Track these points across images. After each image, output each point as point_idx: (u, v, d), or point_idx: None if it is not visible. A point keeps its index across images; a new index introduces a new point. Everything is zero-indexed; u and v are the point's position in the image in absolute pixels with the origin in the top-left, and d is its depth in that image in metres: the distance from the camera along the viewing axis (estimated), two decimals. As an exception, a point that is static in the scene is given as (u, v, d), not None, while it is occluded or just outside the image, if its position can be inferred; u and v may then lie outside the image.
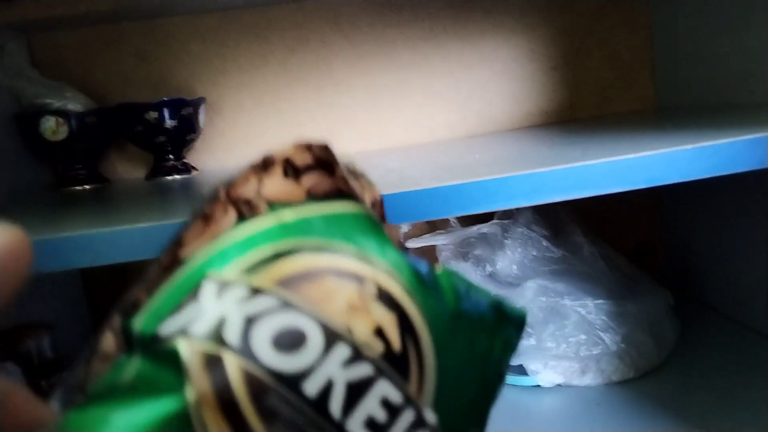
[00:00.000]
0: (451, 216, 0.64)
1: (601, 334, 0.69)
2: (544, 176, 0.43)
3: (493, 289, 0.76)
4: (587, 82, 0.96)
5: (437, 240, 0.83)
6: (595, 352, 0.69)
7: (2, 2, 0.75)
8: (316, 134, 0.94)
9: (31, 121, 0.76)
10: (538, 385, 0.73)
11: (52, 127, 0.76)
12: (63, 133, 0.77)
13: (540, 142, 0.70)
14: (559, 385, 0.72)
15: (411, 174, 0.53)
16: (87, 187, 0.82)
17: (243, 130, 0.93)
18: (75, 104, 0.79)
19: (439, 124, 0.95)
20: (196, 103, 0.83)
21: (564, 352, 0.69)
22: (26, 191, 0.81)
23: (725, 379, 0.71)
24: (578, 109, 0.96)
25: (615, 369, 0.71)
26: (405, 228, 0.85)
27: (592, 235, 0.85)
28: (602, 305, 0.71)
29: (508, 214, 0.82)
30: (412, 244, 0.83)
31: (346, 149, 0.94)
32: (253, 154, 0.93)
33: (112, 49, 0.89)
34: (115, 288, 0.94)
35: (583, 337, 0.69)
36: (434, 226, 0.90)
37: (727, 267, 0.83)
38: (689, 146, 0.45)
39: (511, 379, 0.74)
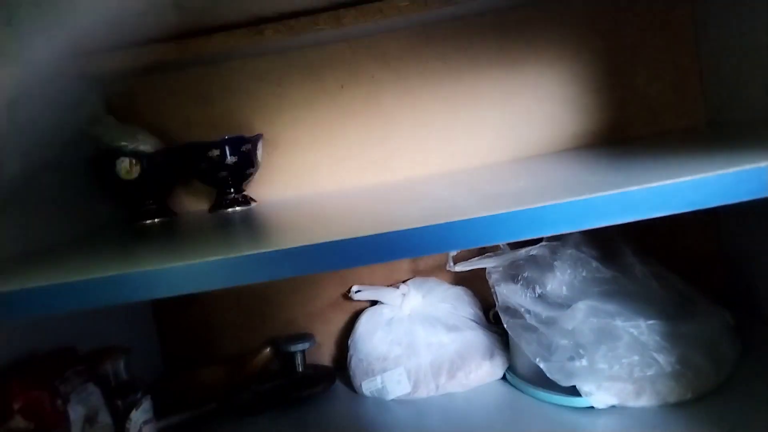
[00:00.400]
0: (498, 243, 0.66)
1: (655, 354, 0.68)
2: (586, 203, 0.45)
3: (543, 311, 0.76)
4: (633, 102, 0.96)
5: (487, 263, 0.84)
6: (649, 374, 0.69)
7: (81, 56, 0.84)
8: (367, 165, 0.98)
9: (108, 163, 0.84)
10: (591, 407, 0.72)
11: (126, 168, 0.84)
12: (136, 172, 0.84)
13: (582, 166, 0.71)
14: (613, 406, 0.72)
15: (459, 203, 0.55)
16: (157, 220, 0.89)
17: (299, 163, 0.98)
18: (146, 145, 0.86)
19: (486, 149, 0.98)
20: (254, 140, 0.89)
21: (617, 373, 0.69)
22: (103, 226, 0.89)
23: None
24: (626, 129, 0.96)
25: (671, 390, 0.70)
26: (454, 251, 0.87)
27: (645, 254, 0.84)
28: (655, 325, 0.70)
29: (557, 236, 0.83)
30: (461, 267, 0.85)
31: (396, 178, 0.98)
32: (309, 185, 0.98)
33: (178, 93, 0.96)
34: (182, 313, 1.00)
35: (636, 358, 0.69)
36: (483, 249, 0.92)
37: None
38: (733, 169, 0.46)
39: (562, 399, 0.74)
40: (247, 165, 0.89)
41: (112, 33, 0.76)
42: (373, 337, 0.90)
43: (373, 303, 0.97)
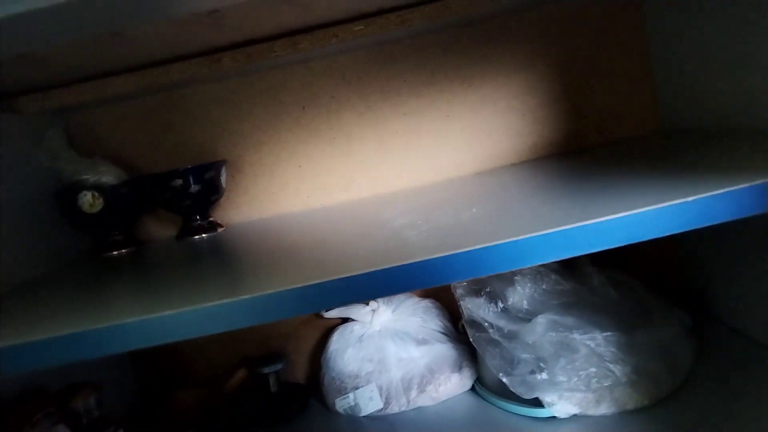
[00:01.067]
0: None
1: (611, 365, 0.71)
2: (525, 242, 0.47)
3: (506, 325, 0.79)
4: (589, 111, 0.99)
5: (451, 279, 0.86)
6: (606, 384, 0.71)
7: (37, 92, 0.84)
8: (331, 184, 0.99)
9: (70, 198, 0.84)
10: (554, 417, 0.75)
11: (89, 201, 0.84)
12: (99, 205, 0.84)
13: (544, 183, 0.73)
14: (575, 415, 0.75)
15: (410, 236, 0.57)
16: (124, 251, 0.89)
17: (264, 185, 0.99)
18: (109, 177, 0.86)
19: (448, 164, 0.99)
20: (217, 166, 0.90)
21: (576, 384, 0.72)
22: (72, 259, 0.89)
23: (745, 401, 0.71)
24: (583, 138, 0.99)
25: (629, 398, 0.73)
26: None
27: (605, 261, 0.87)
28: (611, 337, 0.73)
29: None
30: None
31: (361, 196, 0.99)
32: (275, 207, 0.99)
33: (140, 121, 0.96)
34: (158, 348, 1.01)
35: (593, 369, 0.71)
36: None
37: (745, 286, 0.83)
38: (695, 197, 0.48)
39: (527, 410, 0.77)
40: (211, 192, 0.89)
41: (67, 68, 0.76)
42: (345, 354, 0.92)
43: (345, 320, 0.98)
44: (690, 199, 0.48)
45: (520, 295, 0.81)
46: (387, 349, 0.91)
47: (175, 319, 0.48)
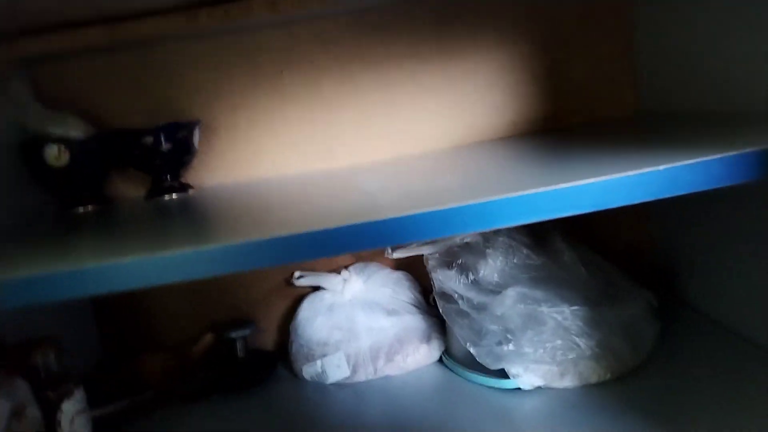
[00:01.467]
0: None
1: (577, 339, 0.72)
2: (493, 204, 0.47)
3: (476, 297, 0.79)
4: (570, 91, 0.98)
5: (424, 250, 0.86)
6: (571, 357, 0.72)
7: (4, 40, 0.81)
8: (309, 152, 0.98)
9: (35, 150, 0.81)
10: (519, 388, 0.76)
11: (54, 155, 0.81)
12: (65, 159, 0.82)
13: (519, 156, 0.73)
14: (539, 387, 0.75)
15: (383, 198, 0.56)
16: (90, 208, 0.87)
17: (239, 149, 0.97)
18: (76, 131, 0.84)
19: (426, 136, 0.99)
20: (190, 126, 0.88)
21: (541, 356, 0.72)
22: (34, 214, 0.86)
23: (705, 380, 0.73)
24: (562, 117, 0.99)
25: (592, 372, 0.74)
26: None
27: (577, 240, 0.88)
28: (578, 311, 0.74)
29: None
30: (399, 254, 0.87)
31: (338, 165, 0.98)
32: (250, 172, 0.97)
33: (111, 77, 0.93)
34: (121, 300, 0.99)
35: (559, 342, 0.72)
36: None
37: (712, 268, 0.85)
38: (666, 166, 0.48)
39: (492, 381, 0.77)
40: (183, 152, 0.87)
41: (36, 15, 0.74)
42: (314, 322, 0.92)
43: (315, 288, 0.98)
44: (661, 168, 0.48)
45: (491, 268, 0.81)
46: (357, 319, 0.90)
47: (135, 266, 0.47)
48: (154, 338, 1.01)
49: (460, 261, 0.83)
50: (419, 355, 0.88)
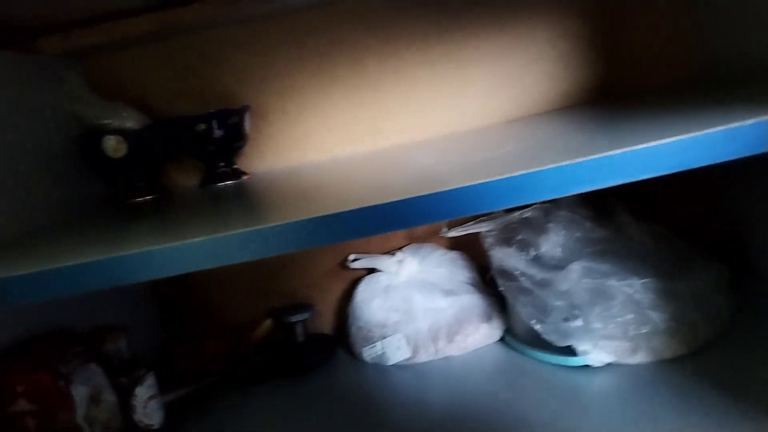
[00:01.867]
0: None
1: (650, 312, 0.69)
2: (571, 168, 0.44)
3: (538, 273, 0.77)
4: (628, 57, 0.94)
5: (481, 227, 0.84)
6: (644, 331, 0.69)
7: (57, 33, 0.82)
8: (357, 132, 0.97)
9: (93, 142, 0.83)
10: (588, 366, 0.73)
11: (113, 146, 0.82)
12: (123, 149, 0.83)
13: (579, 125, 0.70)
14: (609, 364, 0.73)
15: (441, 171, 0.55)
16: (149, 197, 0.88)
17: (288, 133, 0.97)
18: (132, 122, 0.85)
19: (476, 111, 0.96)
20: (240, 112, 0.88)
21: (612, 332, 0.70)
22: (94, 207, 0.88)
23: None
24: (620, 85, 0.95)
25: (666, 346, 0.70)
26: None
27: (641, 213, 0.84)
28: (649, 283, 0.71)
29: (551, 198, 0.82)
30: (455, 232, 0.85)
31: (386, 144, 0.97)
32: (300, 156, 0.97)
33: (160, 66, 0.94)
34: (181, 287, 1.01)
35: (630, 316, 0.69)
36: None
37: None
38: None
39: (559, 359, 0.75)
40: (235, 138, 0.87)
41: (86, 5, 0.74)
42: (371, 304, 0.91)
43: (370, 271, 0.97)
44: (748, 122, 0.44)
45: (553, 243, 0.78)
46: (414, 300, 0.89)
47: (197, 248, 0.46)
48: (212, 325, 1.02)
49: (519, 237, 0.81)
50: (480, 335, 0.87)
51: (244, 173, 0.92)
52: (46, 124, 0.81)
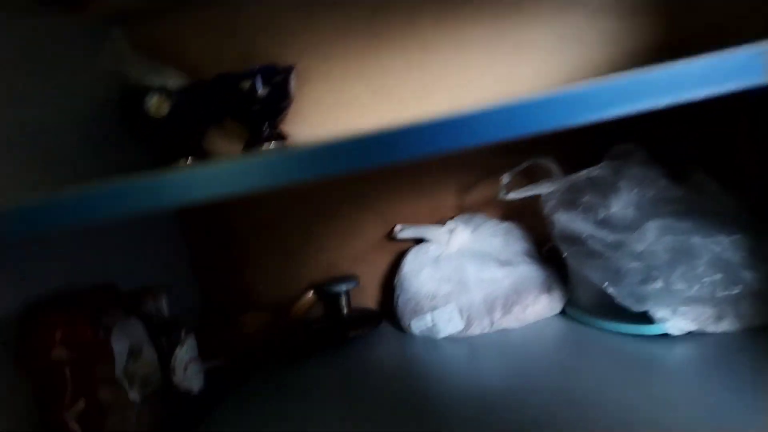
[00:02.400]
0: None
1: (743, 271, 0.62)
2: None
3: (608, 235, 0.70)
4: (699, 12, 0.87)
5: (541, 189, 0.78)
6: (734, 293, 0.62)
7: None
8: (405, 96, 0.92)
9: (136, 102, 0.80)
10: (666, 334, 0.66)
11: (156, 104, 0.79)
12: (166, 108, 0.79)
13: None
14: (690, 333, 0.66)
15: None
16: (189, 161, 0.84)
17: (334, 96, 0.93)
18: (175, 81, 0.81)
19: (533, 72, 0.90)
20: (286, 71, 0.84)
21: (697, 294, 0.63)
22: (134, 170, 0.85)
23: None
24: (689, 42, 0.88)
25: (757, 312, 0.63)
26: (505, 179, 0.81)
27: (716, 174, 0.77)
28: (739, 240, 0.63)
29: (619, 156, 0.76)
30: (514, 195, 0.79)
31: (437, 108, 0.92)
32: (345, 121, 0.93)
33: (203, 29, 0.91)
34: (220, 257, 0.97)
35: (719, 276, 0.62)
36: (534, 178, 0.85)
37: None
38: None
39: (632, 328, 0.68)
40: (280, 98, 0.83)
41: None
42: (420, 275, 0.86)
43: (418, 242, 0.92)
44: None
45: (624, 203, 0.72)
46: (466, 270, 0.84)
47: (225, 171, 0.43)
48: (251, 296, 0.98)
49: (585, 198, 0.75)
50: (540, 306, 0.81)
51: (287, 137, 0.87)
52: (87, 87, 0.79)
